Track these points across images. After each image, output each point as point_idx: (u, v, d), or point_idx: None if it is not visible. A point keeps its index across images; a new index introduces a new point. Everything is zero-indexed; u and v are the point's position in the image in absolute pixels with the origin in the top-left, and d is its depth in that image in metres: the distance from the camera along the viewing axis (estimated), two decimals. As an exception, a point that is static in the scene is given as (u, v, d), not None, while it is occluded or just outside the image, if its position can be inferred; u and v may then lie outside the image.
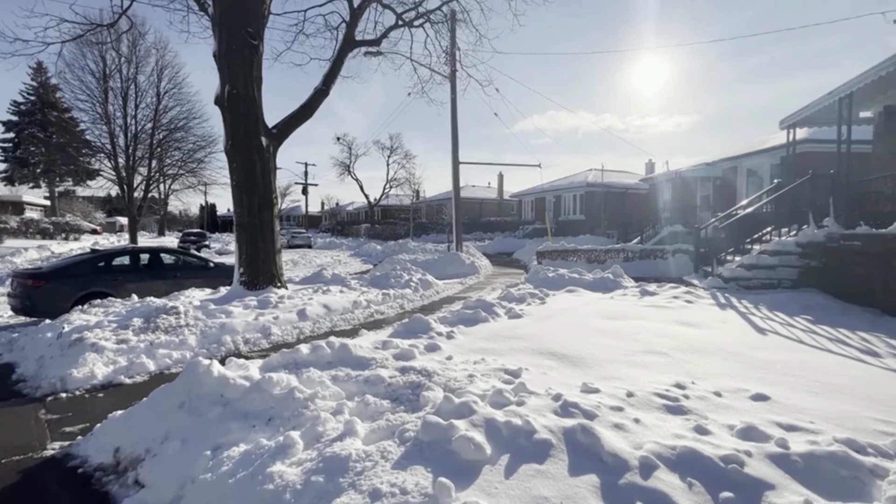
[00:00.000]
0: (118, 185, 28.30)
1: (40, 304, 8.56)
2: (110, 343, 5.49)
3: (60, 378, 4.86)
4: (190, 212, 68.56)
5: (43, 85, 34.06)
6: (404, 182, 44.51)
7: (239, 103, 8.55)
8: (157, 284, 9.95)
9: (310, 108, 9.79)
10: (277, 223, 9.19)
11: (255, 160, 8.72)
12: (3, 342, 7.38)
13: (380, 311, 8.78)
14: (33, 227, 27.27)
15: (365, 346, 4.47)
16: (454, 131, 17.94)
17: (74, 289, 8.89)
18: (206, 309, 6.99)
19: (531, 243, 24.28)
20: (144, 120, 29.47)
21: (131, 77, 28.51)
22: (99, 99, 27.64)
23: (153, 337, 5.86)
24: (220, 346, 6.13)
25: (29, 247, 22.90)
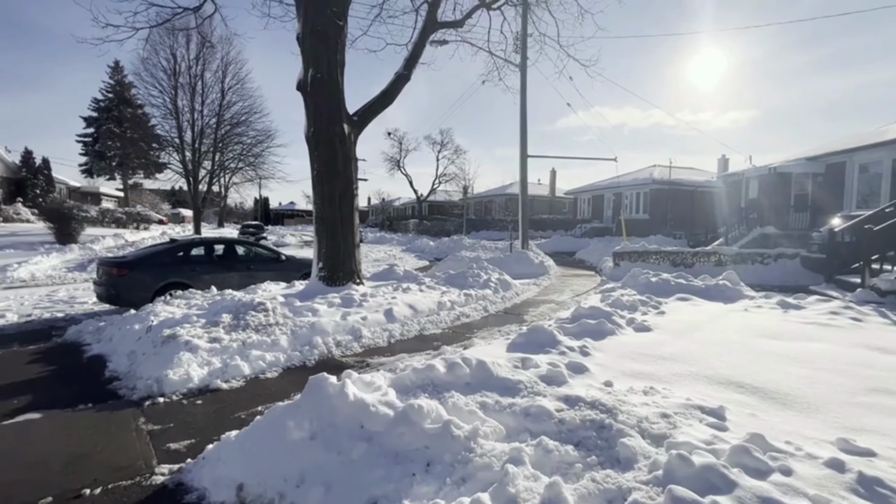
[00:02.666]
0: (185, 178, 29.45)
1: (124, 294, 8.48)
2: (203, 342, 5.06)
3: (156, 379, 4.44)
4: (245, 205, 71.35)
5: (119, 83, 36.07)
6: (453, 177, 43.83)
7: (322, 88, 8.07)
8: (232, 276, 9.74)
9: (391, 95, 9.19)
10: (357, 216, 8.68)
11: (336, 148, 8.22)
12: (91, 331, 7.25)
13: (465, 314, 8.05)
14: (109, 216, 28.81)
15: (502, 363, 3.71)
16: (523, 123, 16.98)
17: (155, 279, 8.77)
18: (293, 306, 6.52)
19: (595, 243, 22.90)
20: (209, 115, 30.53)
21: (199, 73, 29.55)
22: (169, 95, 28.84)
23: (244, 336, 5.40)
24: (313, 348, 5.59)
25: (106, 235, 24.09)
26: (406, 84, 9.34)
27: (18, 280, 13.81)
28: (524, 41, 15.52)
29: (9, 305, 9.60)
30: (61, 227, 20.64)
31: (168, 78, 28.63)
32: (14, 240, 20.46)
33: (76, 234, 21.19)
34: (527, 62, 16.11)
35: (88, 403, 4.19)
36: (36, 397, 4.41)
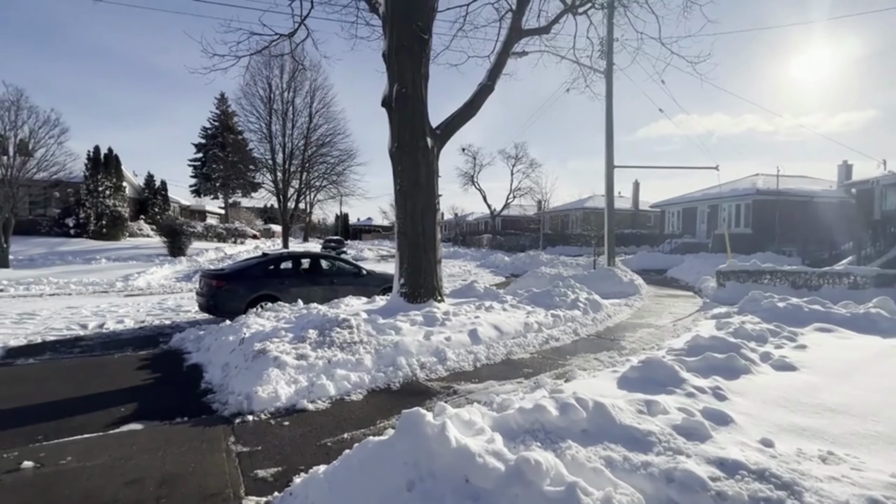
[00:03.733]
0: (276, 196, 31.84)
1: (221, 304, 8.95)
2: (290, 358, 4.99)
3: (246, 396, 4.39)
4: (327, 221, 75.91)
5: (224, 112, 40.31)
6: (528, 191, 42.86)
7: (407, 102, 8.01)
8: (316, 290, 9.96)
9: (474, 106, 8.94)
10: (439, 231, 8.44)
11: (419, 162, 8.08)
12: (192, 339, 7.67)
13: (553, 337, 7.39)
14: (212, 231, 31.90)
15: (622, 405, 3.09)
16: (609, 132, 15.97)
17: (248, 291, 9.18)
18: (376, 323, 6.34)
19: (690, 260, 20.79)
20: (298, 137, 32.84)
21: (290, 99, 32.01)
22: (265, 120, 31.51)
23: (330, 354, 5.26)
24: (397, 369, 5.31)
25: (209, 248, 26.61)
26: (490, 95, 9.04)
27: (137, 288, 15.48)
28: (610, 45, 14.66)
29: (127, 312, 10.64)
30: (173, 242, 23.08)
31: (264, 105, 31.38)
32: (136, 252, 23.25)
33: (185, 247, 23.57)
34: (612, 67, 15.20)
35: (185, 417, 4.23)
36: (140, 406, 4.57)
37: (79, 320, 9.56)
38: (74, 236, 24.31)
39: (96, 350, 7.32)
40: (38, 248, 21.60)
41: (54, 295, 13.42)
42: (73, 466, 3.21)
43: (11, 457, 3.34)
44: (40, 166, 19.38)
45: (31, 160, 19.15)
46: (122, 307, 11.23)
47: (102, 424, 4.07)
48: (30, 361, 6.55)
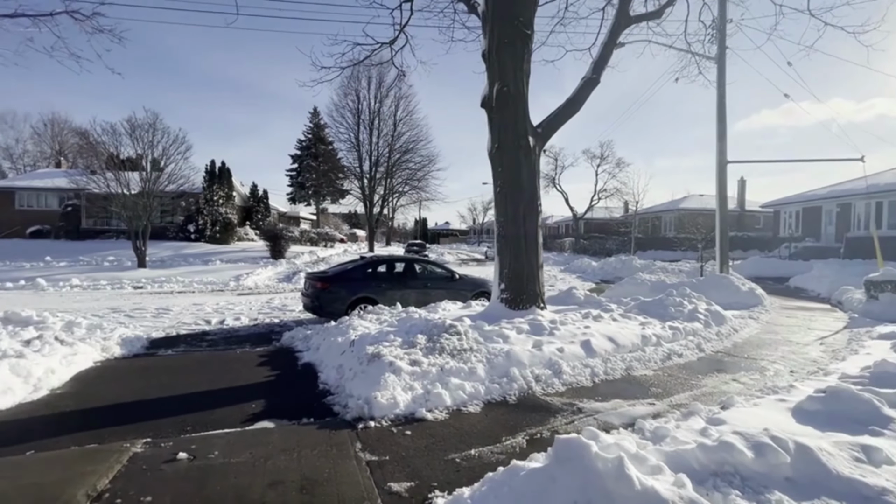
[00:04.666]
0: (363, 202, 33.40)
1: (325, 306, 9.33)
2: (404, 364, 4.91)
3: (366, 400, 4.35)
4: (407, 225, 78.41)
5: (317, 125, 43.29)
6: (613, 193, 40.45)
7: (508, 101, 7.73)
8: (410, 293, 10.03)
9: (577, 101, 8.41)
10: (541, 234, 8.03)
11: (521, 162, 7.75)
12: (301, 338, 8.02)
13: (675, 352, 6.61)
14: (305, 236, 34.25)
15: (829, 449, 2.48)
16: (721, 124, 14.34)
17: (349, 293, 9.47)
18: (482, 330, 6.10)
19: (819, 267, 17.99)
20: (384, 146, 34.18)
21: (376, 110, 33.45)
22: (353, 131, 33.26)
23: (441, 361, 5.11)
24: (511, 381, 5.01)
25: (304, 251, 28.56)
26: (594, 88, 8.45)
27: (247, 288, 16.93)
28: (722, 27, 13.16)
29: (241, 310, 11.56)
30: (275, 245, 25.05)
31: (353, 116, 33.15)
32: (244, 255, 25.60)
33: (284, 250, 25.47)
34: (725, 52, 13.64)
35: (311, 418, 4.29)
36: (267, 404, 4.75)
37: (203, 316, 10.56)
38: (194, 240, 27.39)
39: (220, 345, 7.94)
40: (167, 250, 24.64)
41: (182, 293, 15.09)
42: (220, 462, 3.33)
43: (168, 447, 3.56)
44: (170, 179, 22.09)
45: (163, 174, 21.89)
46: (236, 305, 12.26)
47: (238, 420, 4.26)
48: (169, 353, 7.26)
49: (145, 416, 4.37)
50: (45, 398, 4.86)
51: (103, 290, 15.25)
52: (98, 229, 27.16)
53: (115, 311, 10.95)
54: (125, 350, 7.14)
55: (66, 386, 5.29)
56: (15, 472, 3.15)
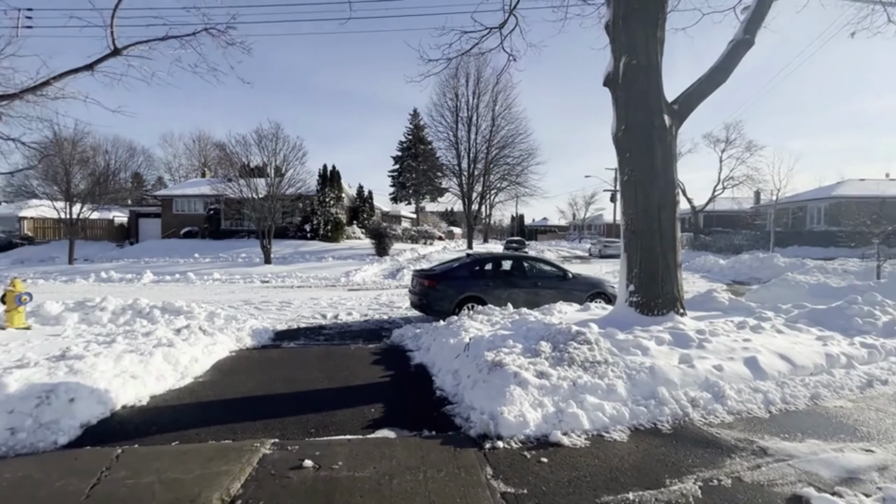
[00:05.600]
0: (461, 199, 33.50)
1: (433, 304, 9.15)
2: (530, 375, 4.34)
3: (491, 415, 3.88)
4: (503, 222, 77.47)
5: (416, 125, 44.64)
6: (744, 180, 35.21)
7: (638, 75, 6.72)
8: (518, 293, 9.42)
9: (725, 69, 7.05)
10: (679, 228, 6.88)
11: (654, 145, 6.69)
12: (410, 336, 7.88)
13: (877, 378, 5.09)
14: (406, 234, 35.42)
15: None
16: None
17: (457, 292, 9.17)
18: (614, 339, 5.29)
19: None
20: (482, 142, 33.87)
21: (474, 106, 33.26)
22: (451, 129, 33.45)
23: (572, 374, 4.45)
24: (661, 404, 4.16)
25: (405, 249, 29.48)
26: (748, 51, 7.01)
27: (356, 283, 17.74)
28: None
29: (353, 305, 11.98)
30: (379, 243, 26.14)
31: (451, 114, 33.37)
32: (352, 252, 27.15)
33: (388, 248, 26.47)
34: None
35: (432, 431, 3.95)
36: (385, 409, 4.53)
37: (319, 310, 11.10)
38: (310, 239, 29.79)
39: (335, 339, 8.14)
40: (287, 248, 27.10)
41: (300, 287, 16.28)
42: (344, 475, 3.10)
43: (294, 451, 3.44)
44: (290, 183, 24.18)
45: (284, 179, 24.04)
46: (348, 301, 12.76)
47: (359, 425, 4.08)
48: (291, 345, 7.59)
49: (273, 412, 4.41)
50: (189, 385, 5.22)
51: (237, 284, 17.07)
52: (233, 229, 30.91)
53: (247, 304, 12.03)
54: (255, 341, 7.62)
55: (207, 375, 5.66)
56: (161, 464, 3.23)
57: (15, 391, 3.91)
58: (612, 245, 33.50)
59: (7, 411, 3.73)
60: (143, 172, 57.24)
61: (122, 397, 4.42)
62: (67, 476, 3.08)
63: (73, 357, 4.92)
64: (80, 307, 9.02)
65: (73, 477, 3.06)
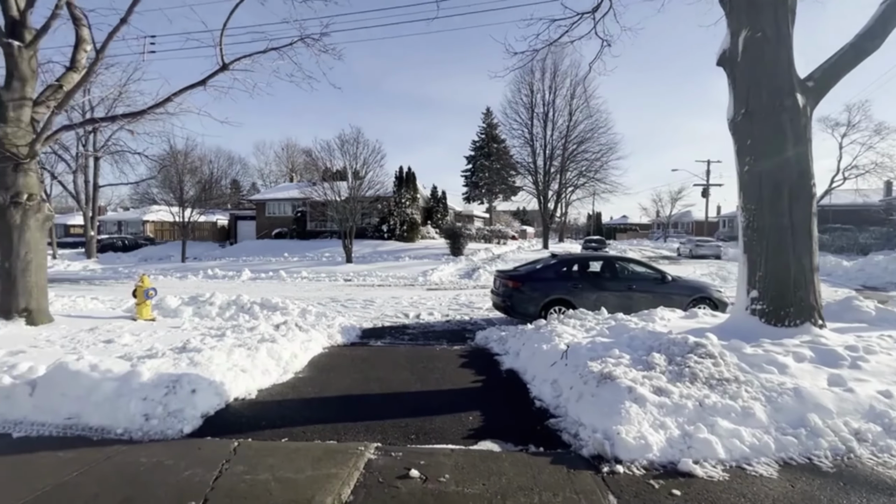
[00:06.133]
0: (536, 198, 32.60)
1: (517, 306, 8.82)
2: (646, 391, 3.88)
3: (605, 434, 3.50)
4: (578, 221, 74.41)
5: (489, 124, 44.31)
6: (870, 169, 30.35)
7: (763, 50, 5.85)
8: (609, 296, 8.76)
9: (876, 36, 5.90)
10: (815, 224, 5.91)
11: (783, 128, 5.78)
12: (496, 339, 7.63)
13: None
14: (479, 233, 35.23)
15: None
16: None
17: (542, 294, 8.75)
18: (741, 353, 4.61)
19: None
20: (558, 138, 32.69)
21: (550, 101, 32.18)
22: (526, 126, 32.67)
23: (697, 392, 3.91)
24: (815, 435, 3.49)
25: (480, 249, 29.30)
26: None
27: (433, 283, 17.87)
28: None
29: (433, 305, 11.99)
30: (454, 243, 26.22)
31: (526, 111, 32.59)
32: (427, 252, 27.52)
33: (462, 248, 26.46)
34: None
35: (539, 447, 3.66)
36: (484, 417, 4.32)
37: (401, 309, 11.25)
38: (386, 239, 30.73)
39: (419, 339, 8.13)
40: (367, 248, 28.17)
41: (381, 286, 16.74)
42: (453, 490, 2.93)
43: (398, 458, 3.35)
44: (369, 185, 25.08)
45: (364, 181, 24.98)
46: (427, 300, 12.82)
47: (459, 435, 3.90)
48: (378, 344, 7.70)
49: (371, 413, 4.39)
50: (291, 381, 5.42)
51: (323, 282, 17.98)
52: (318, 230, 32.83)
53: (333, 301, 12.55)
54: (344, 338, 7.83)
55: (305, 371, 5.85)
56: (274, 460, 3.29)
57: (147, 380, 4.26)
58: (705, 244, 30.63)
59: (142, 398, 4.06)
60: (240, 179, 63.03)
61: (234, 390, 4.67)
62: (193, 465, 3.24)
63: (192, 350, 5.33)
64: (194, 301, 9.93)
65: (199, 467, 3.21)
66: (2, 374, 4.41)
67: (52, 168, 26.11)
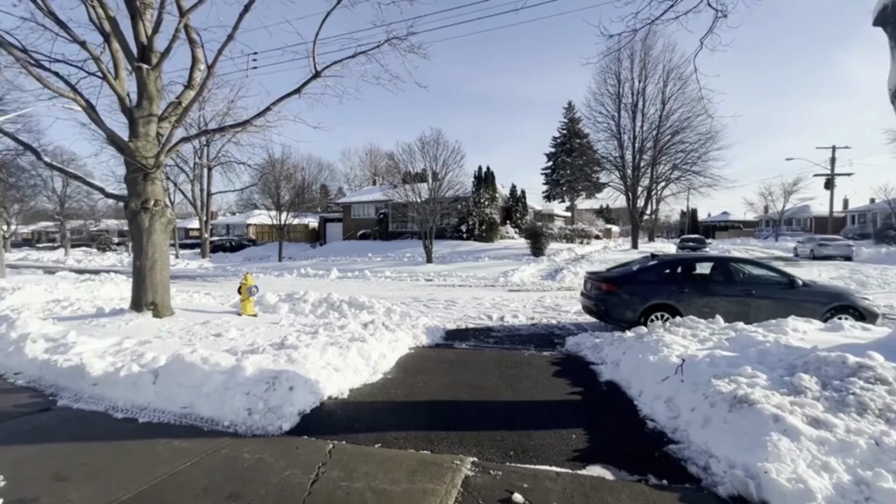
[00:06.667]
0: (624, 194, 30.51)
1: (612, 310, 8.10)
2: (799, 422, 3.18)
3: (746, 471, 2.90)
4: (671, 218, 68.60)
5: (571, 119, 42.49)
6: None
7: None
8: (722, 302, 7.70)
9: None
10: None
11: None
12: (589, 346, 7.04)
13: None
14: (560, 233, 33.85)
15: None
16: None
17: (642, 299, 7.93)
18: (926, 380, 3.63)
19: None
20: (649, 129, 30.29)
21: (640, 90, 29.91)
22: (612, 118, 30.71)
23: (870, 427, 3.11)
24: None
25: (562, 248, 28.11)
26: None
27: (514, 284, 17.36)
28: None
29: (516, 307, 11.56)
30: (535, 243, 25.41)
31: (612, 102, 30.63)
32: (507, 252, 27.00)
33: (544, 248, 25.55)
34: None
35: (660, 479, 3.14)
36: (589, 436, 3.86)
37: (484, 311, 10.97)
38: (465, 239, 30.72)
39: (505, 342, 7.77)
40: (446, 248, 28.37)
41: (461, 286, 16.62)
42: (564, 523, 2.55)
43: (497, 477, 3.06)
44: (449, 186, 25.20)
45: (444, 182, 25.17)
46: (510, 302, 12.40)
47: (563, 456, 3.51)
48: (463, 346, 7.48)
49: (463, 423, 4.15)
50: (380, 382, 5.38)
51: (405, 281, 18.33)
52: (399, 231, 33.81)
53: (416, 301, 12.64)
54: (429, 339, 7.73)
55: (393, 372, 5.80)
56: (369, 468, 3.18)
57: (250, 374, 4.43)
58: (831, 243, 26.43)
59: (245, 393, 4.22)
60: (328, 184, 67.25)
61: (327, 389, 4.71)
62: (292, 466, 3.23)
63: (289, 346, 5.51)
64: (289, 299, 10.54)
65: (297, 468, 3.20)
66: (131, 363, 4.88)
67: (175, 178, 29.82)
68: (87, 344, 5.77)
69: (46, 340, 6.00)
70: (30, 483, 3.08)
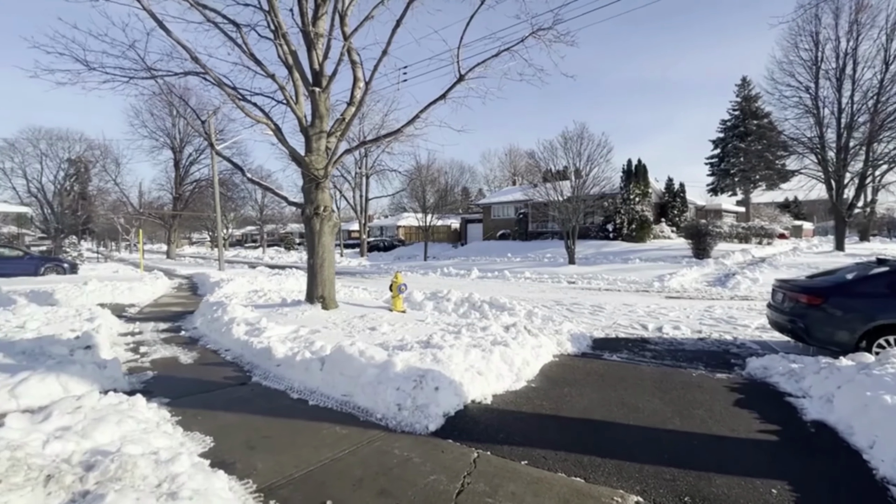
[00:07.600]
0: (824, 183, 24.47)
1: (814, 330, 6.40)
2: None
3: None
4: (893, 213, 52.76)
5: (745, 97, 35.96)
6: None
7: None
8: None
9: None
10: None
11: None
12: (783, 373, 5.66)
13: None
14: (731, 231, 28.83)
15: None
16: None
17: (863, 317, 6.08)
18: None
19: None
20: (861, 101, 23.74)
21: (849, 51, 23.62)
22: (808, 89, 24.91)
23: None
24: None
25: (734, 250, 23.90)
26: None
27: (673, 290, 15.29)
28: None
29: (678, 317, 10.07)
30: (698, 243, 22.13)
31: (807, 71, 24.80)
32: (661, 253, 24.11)
33: (709, 249, 22.09)
34: None
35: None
36: (798, 494, 2.99)
37: (637, 319, 9.82)
38: (612, 239, 28.44)
39: (666, 358, 6.77)
40: (589, 248, 26.67)
41: (608, 290, 15.32)
42: None
43: (672, 529, 2.53)
44: (594, 182, 23.61)
45: (588, 178, 23.66)
46: (669, 310, 10.90)
47: (762, 516, 2.77)
48: (614, 358, 6.74)
49: (620, 450, 3.63)
50: (523, 390, 5.12)
51: (546, 283, 17.70)
52: (539, 231, 33.04)
53: (558, 304, 12.02)
54: (574, 347, 7.19)
55: (537, 380, 5.49)
56: (515, 488, 2.95)
57: (400, 370, 4.62)
58: None
59: (395, 388, 4.40)
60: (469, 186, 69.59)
61: (471, 392, 4.64)
62: (437, 470, 3.19)
63: (434, 346, 5.64)
64: (434, 297, 11.00)
65: (442, 473, 3.15)
66: (304, 349, 5.54)
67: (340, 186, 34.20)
68: (273, 329, 6.81)
69: (246, 325, 7.27)
70: (229, 448, 3.65)
